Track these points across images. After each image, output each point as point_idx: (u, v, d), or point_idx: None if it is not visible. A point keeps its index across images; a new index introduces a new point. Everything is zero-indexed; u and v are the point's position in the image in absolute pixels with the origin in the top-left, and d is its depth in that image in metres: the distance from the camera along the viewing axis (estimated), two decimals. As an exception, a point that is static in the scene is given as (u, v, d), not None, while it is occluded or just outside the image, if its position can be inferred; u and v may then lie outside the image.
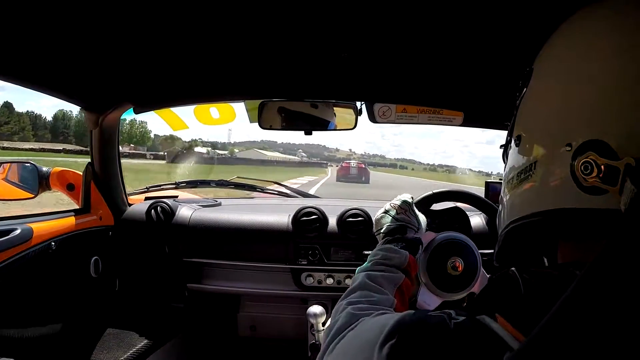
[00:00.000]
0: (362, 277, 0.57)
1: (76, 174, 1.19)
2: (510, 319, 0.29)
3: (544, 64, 0.38)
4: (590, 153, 0.29)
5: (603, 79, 0.30)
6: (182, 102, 1.16)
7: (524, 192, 0.36)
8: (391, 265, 0.61)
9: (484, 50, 0.72)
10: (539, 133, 0.35)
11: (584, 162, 0.29)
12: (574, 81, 0.33)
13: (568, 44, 0.36)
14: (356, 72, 0.91)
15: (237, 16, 0.64)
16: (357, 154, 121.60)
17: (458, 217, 1.08)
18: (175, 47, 0.78)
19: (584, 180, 0.29)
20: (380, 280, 0.57)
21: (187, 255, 1.21)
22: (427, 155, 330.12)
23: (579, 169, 0.29)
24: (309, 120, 1.09)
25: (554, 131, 0.33)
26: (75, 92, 1.02)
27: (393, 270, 0.59)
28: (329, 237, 1.18)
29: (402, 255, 0.63)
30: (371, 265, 0.61)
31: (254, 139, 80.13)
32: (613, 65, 0.30)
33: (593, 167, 0.28)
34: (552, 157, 0.33)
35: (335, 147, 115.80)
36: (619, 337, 0.20)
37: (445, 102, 1.06)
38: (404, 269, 0.61)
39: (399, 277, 0.59)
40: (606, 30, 0.32)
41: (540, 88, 0.37)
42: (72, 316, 1.06)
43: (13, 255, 0.88)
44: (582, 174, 0.29)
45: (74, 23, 0.66)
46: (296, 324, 1.33)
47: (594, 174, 0.28)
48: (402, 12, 0.61)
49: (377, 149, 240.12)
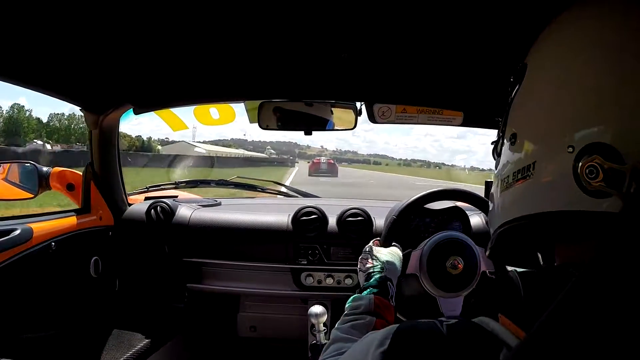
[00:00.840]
0: (334, 332, 0.59)
1: (76, 174, 1.19)
2: (512, 317, 0.30)
3: (540, 61, 0.37)
4: (595, 156, 0.28)
5: (600, 77, 0.30)
6: (182, 102, 1.16)
7: (521, 192, 0.35)
8: (359, 313, 0.62)
9: (484, 50, 0.72)
10: (537, 132, 0.34)
11: (588, 165, 0.28)
12: (572, 81, 0.32)
13: (563, 40, 0.35)
14: (356, 72, 0.91)
15: (236, 16, 0.64)
16: (329, 150, 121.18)
17: (458, 216, 1.08)
18: (175, 47, 0.78)
19: (588, 184, 0.28)
20: (349, 330, 0.58)
21: (187, 255, 1.21)
22: (398, 151, 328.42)
23: (584, 173, 0.28)
24: (309, 120, 1.09)
25: (552, 131, 0.32)
26: (75, 93, 1.02)
27: (362, 317, 0.61)
28: (328, 237, 1.18)
29: (365, 300, 0.64)
30: (341, 319, 0.63)
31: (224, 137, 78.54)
32: (609, 63, 0.30)
33: (598, 171, 0.28)
34: (552, 158, 0.32)
35: (307, 145, 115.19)
36: (615, 333, 0.21)
37: (445, 102, 1.06)
38: (374, 311, 0.62)
39: (369, 321, 0.60)
40: (603, 24, 0.32)
41: (536, 85, 0.36)
42: (72, 316, 1.07)
43: (13, 255, 0.88)
44: (587, 178, 0.28)
45: (73, 23, 0.66)
46: (296, 324, 1.33)
47: (600, 178, 0.27)
48: (401, 12, 0.61)
49: (349, 146, 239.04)
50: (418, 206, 0.97)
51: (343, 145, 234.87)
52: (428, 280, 0.86)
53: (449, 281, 0.85)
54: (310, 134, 1.12)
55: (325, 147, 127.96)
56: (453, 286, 0.86)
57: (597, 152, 0.28)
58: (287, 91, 1.05)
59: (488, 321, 0.32)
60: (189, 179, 1.63)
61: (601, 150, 0.28)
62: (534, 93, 0.36)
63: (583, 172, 0.28)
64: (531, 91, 0.37)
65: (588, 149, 0.29)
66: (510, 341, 0.29)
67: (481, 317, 0.33)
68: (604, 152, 0.28)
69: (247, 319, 1.37)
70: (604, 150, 0.28)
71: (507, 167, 0.38)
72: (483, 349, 0.29)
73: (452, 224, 1.07)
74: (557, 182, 0.31)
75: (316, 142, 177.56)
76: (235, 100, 1.15)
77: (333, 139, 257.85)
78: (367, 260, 0.78)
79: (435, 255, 0.86)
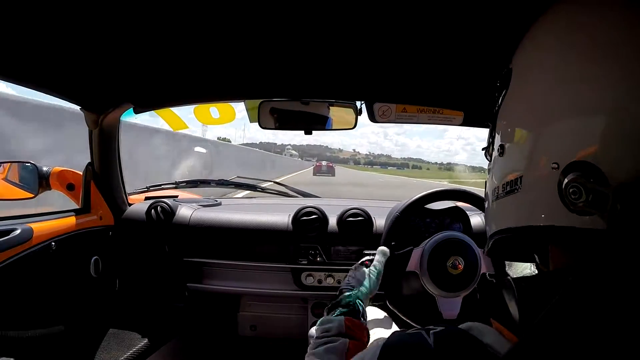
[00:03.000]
0: (310, 359, 0.58)
1: (76, 173, 1.19)
2: (505, 323, 0.30)
3: (523, 67, 0.36)
4: (578, 177, 0.28)
5: (584, 92, 0.29)
6: (182, 102, 1.16)
7: (509, 204, 0.35)
8: (331, 335, 0.60)
9: (484, 49, 0.72)
10: (522, 146, 0.34)
11: (572, 185, 0.28)
12: (556, 95, 0.31)
13: (543, 45, 0.34)
14: (356, 71, 0.91)
15: (237, 16, 0.64)
16: (362, 154, 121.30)
17: (458, 216, 1.08)
18: (175, 47, 0.78)
19: (572, 203, 0.28)
20: (325, 354, 0.57)
21: (187, 255, 1.21)
22: (430, 154, 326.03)
23: (567, 192, 0.28)
24: (308, 119, 1.09)
25: (537, 146, 0.32)
26: (74, 92, 1.02)
27: (333, 340, 0.59)
28: (329, 237, 1.18)
29: (336, 322, 0.62)
30: (314, 343, 0.61)
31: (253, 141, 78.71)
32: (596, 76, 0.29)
33: (582, 191, 0.27)
34: (538, 174, 0.31)
35: (339, 148, 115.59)
36: (607, 340, 0.21)
37: (445, 102, 1.06)
38: (345, 333, 0.60)
39: (342, 343, 0.58)
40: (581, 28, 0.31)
41: (520, 95, 0.35)
42: (72, 316, 1.07)
43: (13, 255, 0.88)
44: (570, 198, 0.28)
45: (73, 23, 0.66)
46: (296, 323, 1.33)
47: (583, 198, 0.27)
48: (402, 11, 0.61)
49: (381, 149, 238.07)
50: (419, 206, 0.97)
51: (375, 149, 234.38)
52: (428, 279, 0.86)
53: (449, 281, 0.85)
54: (310, 134, 1.12)
55: (358, 151, 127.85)
56: (453, 286, 0.86)
57: (581, 171, 0.28)
58: (287, 90, 1.05)
59: (478, 326, 0.32)
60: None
61: (585, 169, 0.27)
62: (518, 103, 0.36)
63: (567, 192, 0.28)
64: (516, 100, 0.36)
65: (572, 166, 0.28)
66: (501, 347, 0.29)
67: (471, 323, 0.33)
68: (588, 171, 0.27)
69: (247, 319, 1.37)
70: (587, 169, 0.27)
71: (497, 178, 0.37)
72: (467, 353, 0.29)
73: (453, 225, 1.07)
74: (543, 198, 0.31)
75: (348, 145, 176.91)
76: (235, 99, 1.15)
77: (365, 143, 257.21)
78: (348, 278, 0.76)
79: (437, 254, 0.86)
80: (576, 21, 0.32)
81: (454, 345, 0.30)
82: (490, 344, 0.29)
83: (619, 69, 0.27)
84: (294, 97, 1.06)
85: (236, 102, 1.21)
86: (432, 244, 0.87)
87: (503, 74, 0.38)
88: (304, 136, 4.73)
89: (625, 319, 0.21)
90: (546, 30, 0.35)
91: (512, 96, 0.37)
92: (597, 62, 0.29)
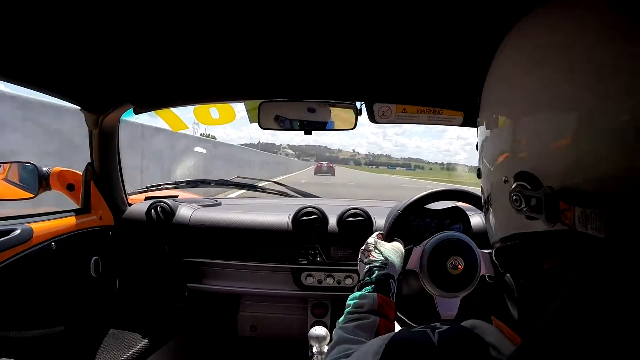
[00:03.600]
0: (338, 332, 0.58)
1: (76, 174, 1.19)
2: (505, 321, 0.30)
3: (486, 86, 0.39)
4: (518, 185, 0.30)
5: (520, 104, 0.31)
6: (182, 102, 1.16)
7: (491, 219, 0.38)
8: (363, 312, 0.60)
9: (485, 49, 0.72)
10: (486, 165, 0.37)
11: (514, 194, 0.30)
12: (502, 109, 0.34)
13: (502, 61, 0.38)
14: (356, 72, 0.91)
15: (236, 16, 0.64)
16: (361, 154, 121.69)
17: (458, 216, 1.08)
18: (175, 47, 0.78)
19: (518, 210, 0.30)
20: (355, 331, 0.57)
21: (187, 255, 1.21)
22: (429, 155, 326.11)
23: (512, 201, 0.30)
24: (309, 120, 1.09)
25: (494, 165, 0.35)
26: (74, 93, 1.02)
27: (366, 317, 0.59)
28: (329, 237, 1.18)
29: (370, 299, 0.62)
30: (344, 317, 0.61)
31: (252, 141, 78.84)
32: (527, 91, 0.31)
33: (521, 199, 0.29)
34: (497, 190, 0.35)
35: (338, 148, 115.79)
36: (612, 340, 0.21)
37: (445, 102, 1.06)
38: (377, 310, 0.60)
39: (373, 321, 0.58)
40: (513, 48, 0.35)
41: (483, 120, 0.38)
42: (72, 316, 1.07)
43: (13, 255, 0.88)
44: (514, 206, 0.30)
45: (73, 23, 0.66)
46: (296, 323, 1.33)
47: (523, 205, 0.29)
48: (402, 11, 0.61)
49: (380, 149, 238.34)
50: (419, 206, 0.97)
51: (374, 149, 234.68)
52: (428, 278, 0.86)
53: (449, 281, 0.85)
54: (310, 134, 1.12)
55: (357, 151, 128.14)
56: (452, 286, 0.85)
57: (521, 180, 0.30)
58: (287, 91, 1.05)
59: (481, 324, 0.32)
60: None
61: (524, 178, 0.30)
62: (483, 127, 0.38)
63: (511, 200, 0.30)
64: (482, 126, 0.39)
65: (516, 178, 0.30)
66: (502, 345, 0.29)
67: (474, 321, 0.33)
68: (526, 179, 0.29)
69: (247, 319, 1.37)
70: (526, 177, 0.29)
71: (482, 194, 0.41)
72: (471, 351, 0.29)
73: (453, 225, 1.07)
74: (505, 211, 0.33)
75: (347, 146, 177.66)
76: (235, 100, 1.15)
77: (364, 143, 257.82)
78: (370, 253, 0.76)
79: (437, 254, 0.86)
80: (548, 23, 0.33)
81: (458, 344, 0.30)
82: (492, 342, 0.29)
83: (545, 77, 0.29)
84: (294, 97, 1.06)
85: (236, 103, 1.21)
86: (432, 244, 0.87)
87: (477, 103, 0.41)
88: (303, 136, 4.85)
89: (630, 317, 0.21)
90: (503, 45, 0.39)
91: (480, 126, 0.39)
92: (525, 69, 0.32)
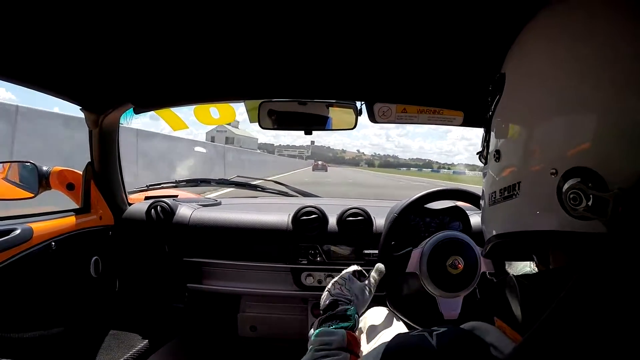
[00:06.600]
0: None
1: (76, 173, 1.19)
2: (508, 321, 0.30)
3: (515, 72, 0.36)
4: (578, 182, 0.27)
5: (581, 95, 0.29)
6: (182, 102, 1.16)
7: (508, 209, 0.35)
8: (333, 349, 0.57)
9: (485, 49, 0.72)
10: (519, 152, 0.33)
11: (572, 192, 0.27)
12: (552, 100, 0.30)
13: (537, 49, 0.34)
14: (356, 71, 0.91)
15: (236, 16, 0.64)
16: (366, 154, 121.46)
17: (458, 216, 1.08)
18: (175, 47, 0.78)
19: (572, 209, 0.28)
20: None
21: (187, 255, 1.21)
22: (432, 155, 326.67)
23: (567, 198, 0.28)
24: (308, 119, 1.09)
25: (534, 152, 0.31)
26: (74, 92, 1.02)
27: (336, 354, 0.56)
28: (329, 237, 1.18)
29: (339, 336, 0.59)
30: (311, 355, 0.57)
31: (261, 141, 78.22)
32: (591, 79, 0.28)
33: (582, 198, 0.27)
34: (536, 180, 0.31)
35: (342, 149, 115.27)
36: (612, 338, 0.21)
37: (445, 102, 1.06)
38: (346, 348, 0.57)
39: (343, 358, 0.55)
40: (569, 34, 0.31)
41: (515, 101, 0.35)
42: (72, 316, 1.06)
43: (13, 255, 0.88)
44: (570, 204, 0.28)
45: (74, 23, 0.66)
46: (296, 323, 1.33)
47: (583, 205, 0.27)
48: (402, 11, 0.61)
49: (383, 151, 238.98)
50: (418, 205, 0.97)
51: (378, 150, 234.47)
52: (428, 279, 0.86)
53: (449, 281, 0.85)
54: (310, 134, 1.12)
55: (362, 152, 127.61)
56: (453, 286, 0.85)
57: (580, 176, 0.27)
58: (287, 91, 1.05)
59: (481, 325, 0.32)
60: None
61: (584, 174, 0.27)
62: (513, 108, 0.35)
63: (567, 198, 0.28)
64: (510, 105, 0.36)
65: (571, 172, 0.28)
66: (503, 345, 0.29)
67: (474, 323, 0.33)
68: (587, 177, 0.27)
69: (247, 319, 1.37)
70: (587, 175, 0.27)
71: (494, 183, 0.37)
72: (471, 352, 0.29)
73: (453, 224, 1.07)
74: (542, 204, 0.31)
75: (352, 147, 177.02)
76: (236, 99, 1.15)
77: (367, 144, 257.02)
78: (341, 288, 0.72)
79: (436, 254, 0.86)
80: (564, 23, 0.32)
81: (457, 346, 0.30)
82: (493, 342, 0.29)
83: (610, 70, 0.27)
84: (294, 97, 1.06)
85: (236, 103, 1.21)
86: (431, 244, 0.87)
87: (496, 79, 0.38)
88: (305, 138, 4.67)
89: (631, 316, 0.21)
90: (536, 35, 0.35)
91: (506, 101, 0.36)
92: (586, 63, 0.29)
